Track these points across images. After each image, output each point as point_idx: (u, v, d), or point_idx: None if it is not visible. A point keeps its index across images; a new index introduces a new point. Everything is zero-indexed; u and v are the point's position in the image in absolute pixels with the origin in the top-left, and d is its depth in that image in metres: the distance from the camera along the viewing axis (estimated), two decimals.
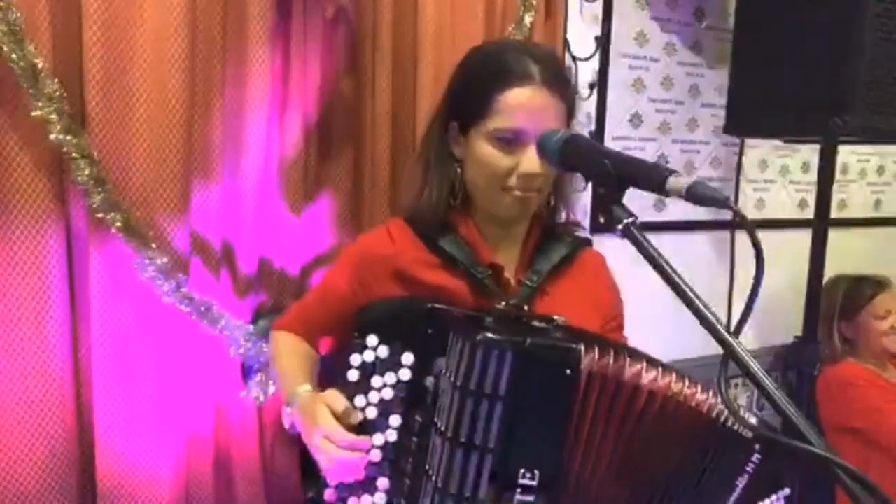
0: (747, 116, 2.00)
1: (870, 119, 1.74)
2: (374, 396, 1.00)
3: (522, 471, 0.88)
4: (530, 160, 1.04)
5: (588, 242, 1.23)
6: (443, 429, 0.91)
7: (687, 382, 0.97)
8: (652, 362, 0.96)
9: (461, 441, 0.89)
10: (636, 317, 1.29)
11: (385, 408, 1.00)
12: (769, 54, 1.89)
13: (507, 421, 0.88)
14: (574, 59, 1.99)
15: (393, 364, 1.00)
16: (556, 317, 1.00)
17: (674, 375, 0.96)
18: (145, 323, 1.40)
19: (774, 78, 1.87)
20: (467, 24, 1.69)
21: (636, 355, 0.96)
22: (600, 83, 2.08)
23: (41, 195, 1.29)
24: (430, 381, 0.98)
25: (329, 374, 1.19)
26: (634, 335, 1.22)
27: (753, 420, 1.08)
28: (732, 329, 0.70)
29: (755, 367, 0.68)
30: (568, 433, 0.90)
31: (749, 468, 1.01)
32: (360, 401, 1.00)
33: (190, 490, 1.48)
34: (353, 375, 1.01)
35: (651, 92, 2.19)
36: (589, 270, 1.21)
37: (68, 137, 1.26)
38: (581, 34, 2.02)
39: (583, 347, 0.90)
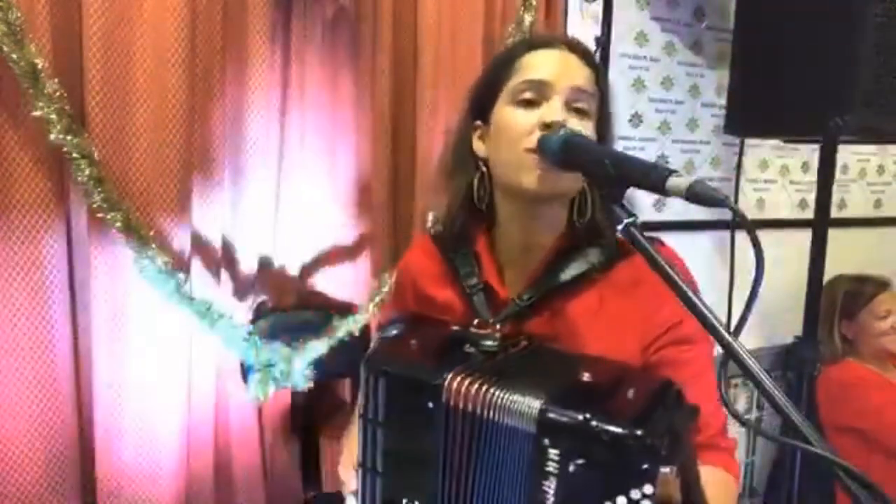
0: (747, 116, 2.00)
1: (870, 119, 1.74)
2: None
3: (405, 501, 0.88)
4: (552, 109, 0.94)
5: (623, 253, 0.98)
6: (360, 458, 0.92)
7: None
8: (524, 382, 0.83)
9: (366, 467, 0.90)
10: None
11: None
12: (769, 54, 1.89)
13: (389, 448, 0.88)
14: None
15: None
16: (523, 339, 0.94)
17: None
18: (145, 323, 1.40)
19: (774, 78, 1.87)
20: (467, 23, 1.69)
21: (514, 376, 0.85)
22: None
23: (41, 195, 1.29)
24: None
25: None
26: None
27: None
28: (732, 329, 0.70)
29: (755, 367, 0.68)
30: (441, 464, 0.86)
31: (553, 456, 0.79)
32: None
33: (190, 490, 1.48)
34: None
35: (651, 92, 2.19)
36: (621, 286, 0.99)
37: (68, 137, 1.26)
38: (581, 34, 2.02)
39: (448, 378, 0.84)
